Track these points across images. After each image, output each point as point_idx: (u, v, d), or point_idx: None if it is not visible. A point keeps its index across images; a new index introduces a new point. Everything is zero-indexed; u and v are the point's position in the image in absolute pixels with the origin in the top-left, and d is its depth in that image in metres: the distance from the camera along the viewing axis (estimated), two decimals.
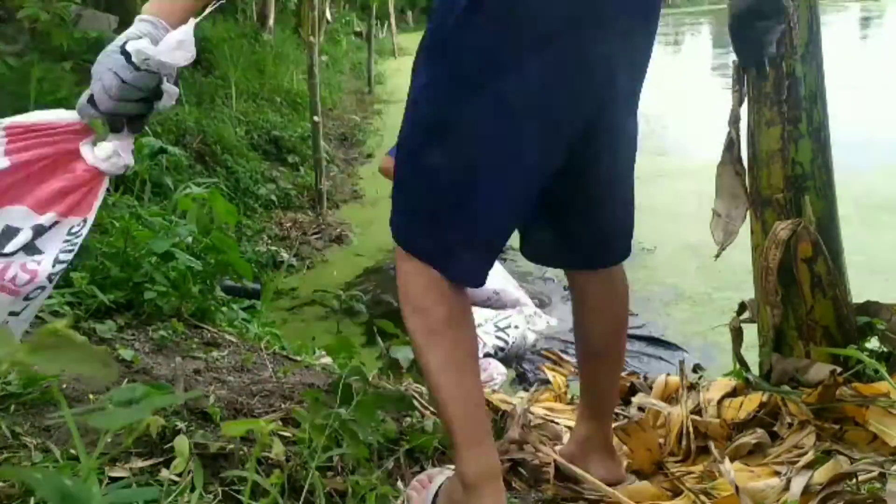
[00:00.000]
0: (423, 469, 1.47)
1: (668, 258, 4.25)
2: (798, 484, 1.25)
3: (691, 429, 1.62)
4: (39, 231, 1.01)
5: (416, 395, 1.78)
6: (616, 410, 1.82)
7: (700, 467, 1.52)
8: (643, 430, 1.59)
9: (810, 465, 1.35)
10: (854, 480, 1.26)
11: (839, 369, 1.62)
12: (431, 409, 1.68)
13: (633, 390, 2.07)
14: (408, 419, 1.65)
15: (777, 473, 1.38)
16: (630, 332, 3.29)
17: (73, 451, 1.08)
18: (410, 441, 1.50)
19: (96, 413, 0.65)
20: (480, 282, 1.16)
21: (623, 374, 2.11)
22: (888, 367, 1.66)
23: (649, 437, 1.60)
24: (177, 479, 1.04)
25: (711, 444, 1.58)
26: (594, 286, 1.40)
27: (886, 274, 3.75)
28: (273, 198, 5.55)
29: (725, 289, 3.60)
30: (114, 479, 1.04)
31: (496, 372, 3.13)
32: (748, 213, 1.90)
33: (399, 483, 1.39)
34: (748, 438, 1.54)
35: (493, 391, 2.28)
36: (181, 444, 0.90)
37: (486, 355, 3.26)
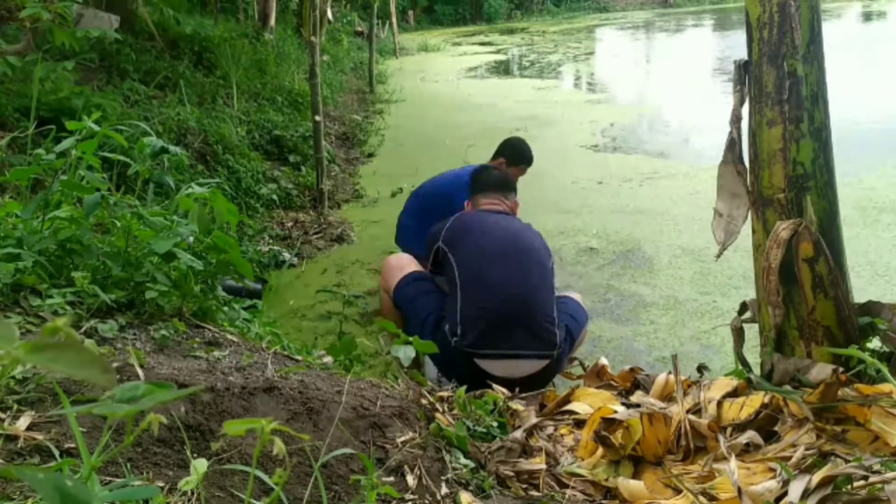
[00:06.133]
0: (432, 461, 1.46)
1: (663, 260, 4.24)
2: (796, 488, 1.24)
3: (689, 428, 1.61)
4: None
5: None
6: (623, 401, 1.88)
7: (698, 467, 1.52)
8: (665, 423, 1.59)
9: (809, 469, 1.35)
10: (850, 483, 1.26)
11: (841, 369, 1.62)
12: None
13: (635, 386, 2.07)
14: None
15: (772, 470, 1.38)
16: None
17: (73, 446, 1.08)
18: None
19: (99, 404, 0.64)
20: None
21: (627, 369, 2.14)
22: (890, 367, 1.66)
23: (666, 432, 1.59)
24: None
25: (708, 444, 1.58)
26: None
27: (887, 274, 3.74)
28: (274, 197, 5.54)
29: (714, 293, 3.61)
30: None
31: None
32: (749, 212, 1.90)
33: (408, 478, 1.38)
34: (740, 440, 1.54)
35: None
36: (199, 464, 0.89)
37: None
